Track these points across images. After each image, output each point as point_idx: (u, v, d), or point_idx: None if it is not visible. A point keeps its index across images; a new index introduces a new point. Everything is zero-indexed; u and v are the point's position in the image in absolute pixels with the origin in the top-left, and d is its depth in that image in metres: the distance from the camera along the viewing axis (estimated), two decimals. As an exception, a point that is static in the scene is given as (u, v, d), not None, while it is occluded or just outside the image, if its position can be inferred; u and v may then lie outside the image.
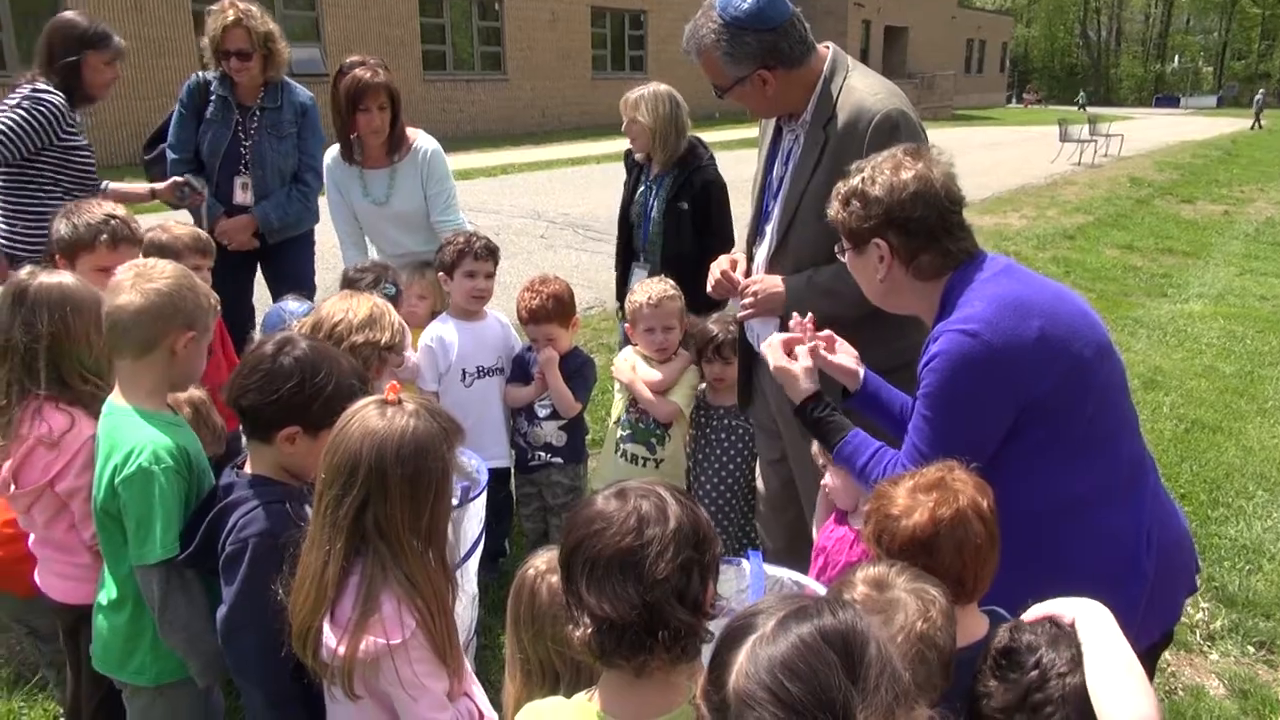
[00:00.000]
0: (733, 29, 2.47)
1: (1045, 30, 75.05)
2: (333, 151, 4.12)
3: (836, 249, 2.20)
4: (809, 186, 2.56)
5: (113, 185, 4.25)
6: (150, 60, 16.89)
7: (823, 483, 2.48)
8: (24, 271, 2.35)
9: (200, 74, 4.45)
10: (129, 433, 2.06)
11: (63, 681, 2.76)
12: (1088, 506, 1.90)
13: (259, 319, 3.95)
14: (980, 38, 45.46)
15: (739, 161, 9.02)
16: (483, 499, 2.59)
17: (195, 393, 2.39)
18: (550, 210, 12.59)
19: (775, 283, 2.65)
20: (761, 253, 2.78)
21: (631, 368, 3.51)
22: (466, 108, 22.92)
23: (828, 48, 2.64)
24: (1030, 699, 1.45)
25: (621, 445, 3.53)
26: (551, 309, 3.45)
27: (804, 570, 2.59)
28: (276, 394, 1.88)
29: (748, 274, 2.79)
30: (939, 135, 25.19)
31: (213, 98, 4.35)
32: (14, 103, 3.78)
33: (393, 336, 2.51)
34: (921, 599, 1.49)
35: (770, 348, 2.31)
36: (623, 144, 4.39)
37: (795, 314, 2.35)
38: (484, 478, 2.61)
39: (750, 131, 4.92)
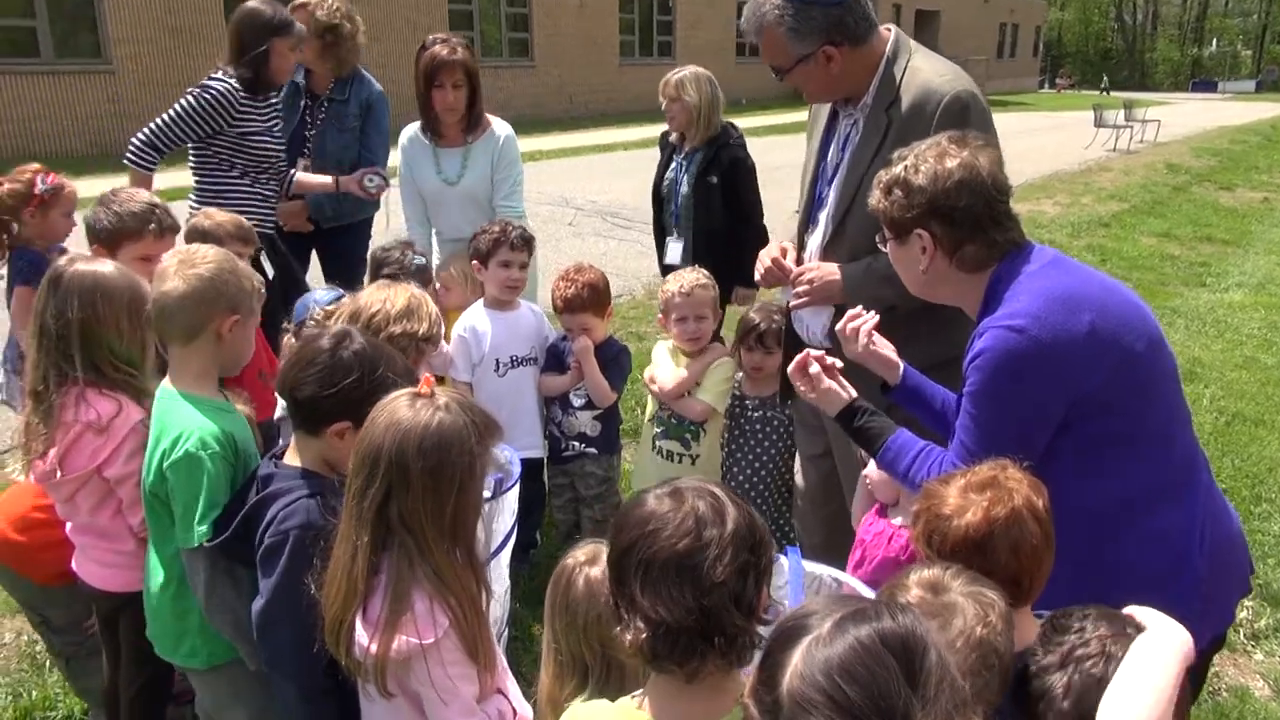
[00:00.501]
0: (798, 3, 2.41)
1: (1079, 14, 73.77)
2: (410, 129, 4.14)
3: (878, 238, 2.15)
4: (869, 172, 2.49)
5: (300, 174, 4.38)
6: (180, 48, 17.01)
7: (864, 474, 2.45)
8: (64, 258, 2.36)
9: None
10: (176, 417, 2.08)
11: (73, 673, 2.80)
12: (1140, 503, 1.86)
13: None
14: (1013, 21, 44.81)
15: (767, 149, 8.94)
16: (515, 491, 2.58)
17: (241, 407, 2.40)
18: (578, 197, 12.54)
19: (832, 270, 2.59)
20: (815, 240, 2.72)
21: (650, 378, 3.48)
22: (494, 94, 22.74)
23: (889, 29, 2.57)
24: (1074, 654, 1.44)
25: (656, 442, 3.50)
26: (587, 298, 3.43)
27: (843, 566, 2.56)
28: (336, 388, 1.87)
29: (799, 262, 2.74)
30: (971, 121, 24.76)
31: (287, 86, 4.41)
32: (190, 91, 3.97)
33: (430, 327, 2.50)
34: (979, 603, 1.45)
35: (795, 376, 2.25)
36: (651, 131, 4.63)
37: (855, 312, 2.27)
38: (517, 469, 2.60)
39: (776, 118, 5.01)
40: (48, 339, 2.27)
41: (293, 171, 4.37)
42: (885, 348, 2.30)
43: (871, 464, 2.39)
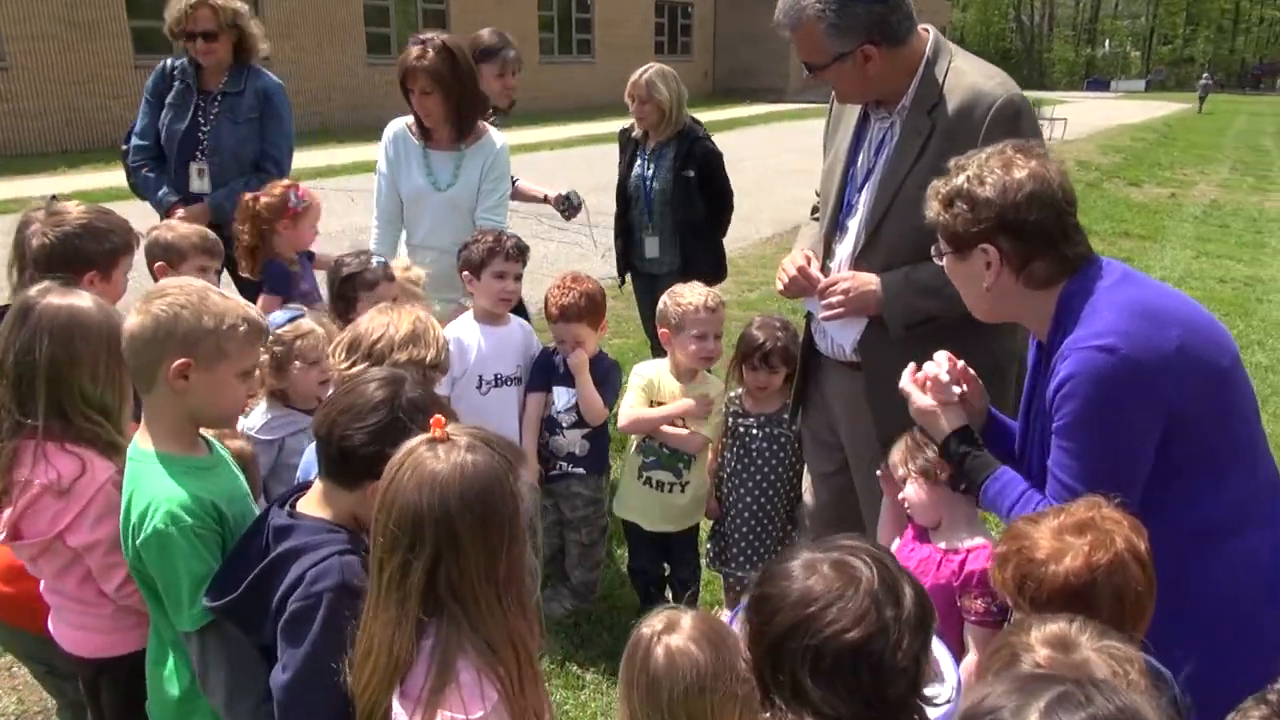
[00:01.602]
0: None
1: (980, 15, 76.08)
2: (396, 125, 3.90)
3: (934, 252, 2.04)
4: (908, 178, 2.39)
5: (522, 182, 4.38)
6: (80, 44, 16.14)
7: (901, 496, 2.34)
8: (36, 288, 2.09)
9: (168, 61, 4.31)
10: (145, 485, 1.84)
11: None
12: (1227, 527, 1.79)
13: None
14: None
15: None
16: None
17: (240, 443, 2.16)
18: (510, 200, 12.26)
19: (868, 280, 2.46)
20: (844, 248, 2.60)
21: (646, 402, 3.26)
22: (412, 92, 22.29)
23: (927, 30, 2.47)
24: None
25: (644, 473, 3.32)
26: (584, 307, 3.27)
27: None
28: (395, 444, 1.62)
29: (824, 271, 2.61)
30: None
31: (176, 84, 4.24)
32: None
33: (438, 353, 2.31)
34: (1113, 657, 1.35)
35: (910, 386, 2.13)
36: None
37: (941, 355, 2.12)
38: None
39: (701, 115, 4.96)
40: (6, 379, 2.01)
41: (516, 178, 4.25)
42: (977, 395, 2.15)
43: (911, 485, 2.30)
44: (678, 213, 4.57)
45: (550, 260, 9.05)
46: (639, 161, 4.69)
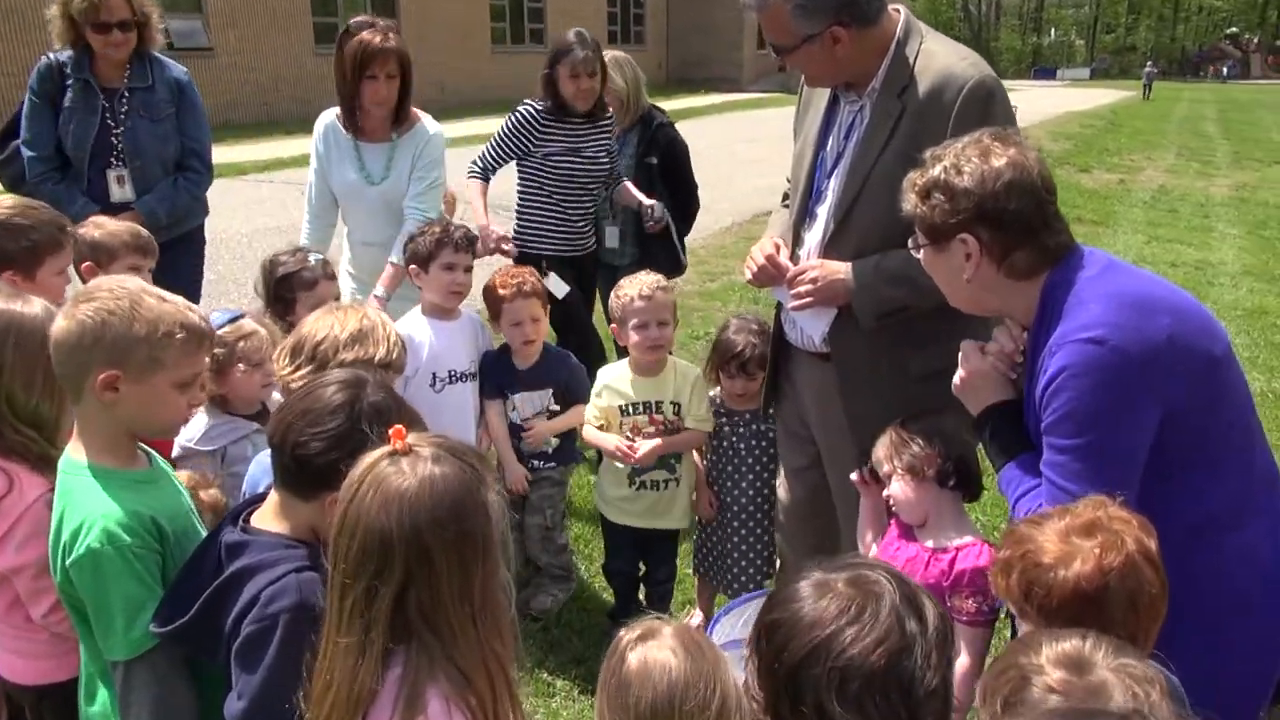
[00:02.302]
0: None
1: (929, 4, 76.74)
2: (326, 118, 3.71)
3: (911, 245, 1.97)
4: (878, 163, 2.31)
5: (628, 184, 4.33)
6: (10, 35, 15.57)
7: (886, 493, 2.27)
8: None
9: (50, 55, 3.81)
10: (78, 501, 1.70)
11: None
12: (1225, 520, 1.74)
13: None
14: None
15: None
16: None
17: (213, 492, 2.01)
18: (462, 190, 12.06)
19: (837, 269, 2.38)
20: (813, 236, 2.51)
21: (616, 449, 3.11)
22: (361, 83, 21.87)
23: (898, 10, 2.39)
24: None
25: (637, 478, 3.20)
26: (534, 284, 3.26)
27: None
28: (354, 452, 1.50)
29: (793, 259, 2.53)
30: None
31: (69, 82, 3.74)
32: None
33: (388, 352, 2.17)
34: (1132, 678, 1.25)
35: (970, 346, 2.02)
36: None
37: (1001, 335, 2.01)
38: None
39: (667, 104, 4.89)
40: None
41: (622, 181, 4.31)
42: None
43: (897, 482, 2.22)
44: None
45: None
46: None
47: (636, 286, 3.11)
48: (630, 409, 3.14)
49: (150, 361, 1.71)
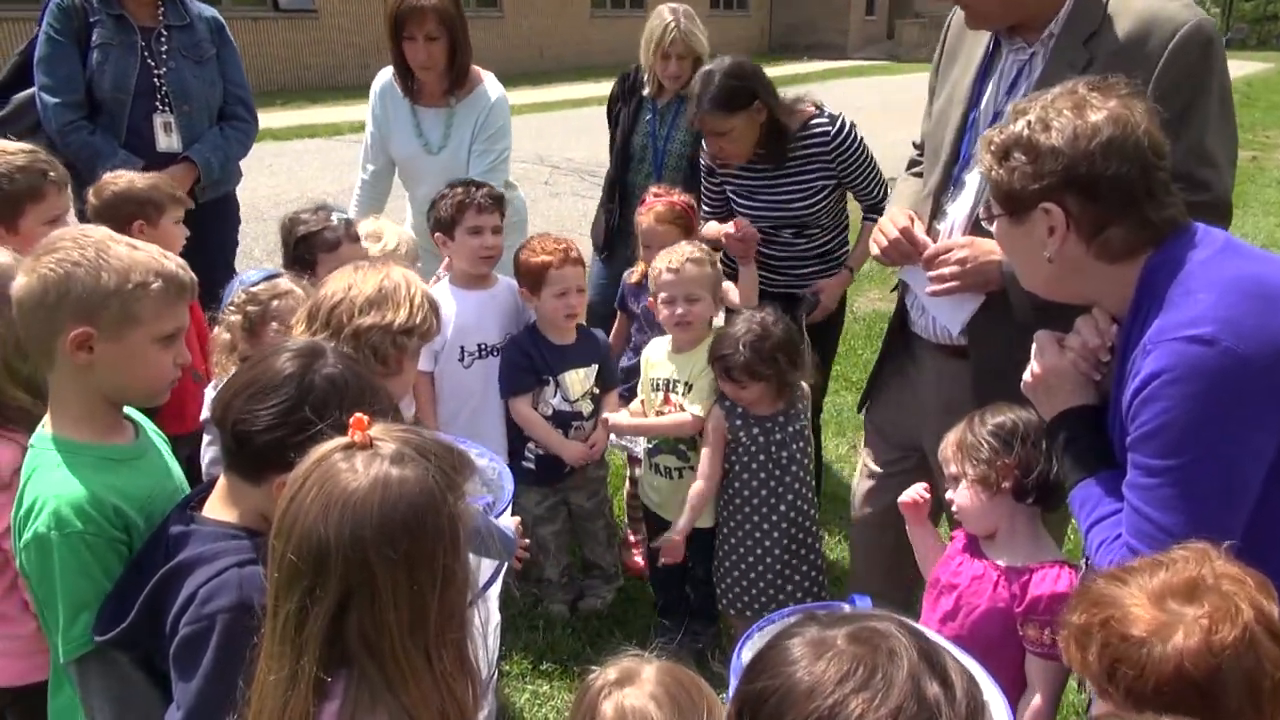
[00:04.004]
0: None
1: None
2: (383, 77, 3.52)
3: (982, 213, 1.69)
4: None
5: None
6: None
7: (949, 497, 1.97)
8: None
9: None
10: (38, 479, 1.55)
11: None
12: None
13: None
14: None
15: None
16: (508, 514, 2.07)
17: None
18: (553, 155, 11.92)
19: (990, 249, 2.04)
20: (960, 209, 2.18)
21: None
22: (460, 46, 21.92)
23: None
24: None
25: (652, 459, 3.00)
26: (574, 252, 3.01)
27: (913, 611, 2.10)
28: (301, 428, 1.31)
29: (930, 235, 2.21)
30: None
31: (96, 19, 3.38)
32: None
33: (411, 315, 1.95)
34: None
35: (1047, 338, 1.72)
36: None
37: (1084, 327, 1.68)
38: (508, 485, 2.08)
39: (769, 72, 4.33)
40: None
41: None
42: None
43: (964, 489, 1.92)
44: (693, 180, 3.76)
45: (590, 218, 8.69)
46: (648, 116, 3.89)
47: (666, 258, 2.85)
48: (658, 385, 2.92)
49: (125, 316, 1.56)
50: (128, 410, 1.73)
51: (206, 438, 2.45)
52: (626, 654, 1.31)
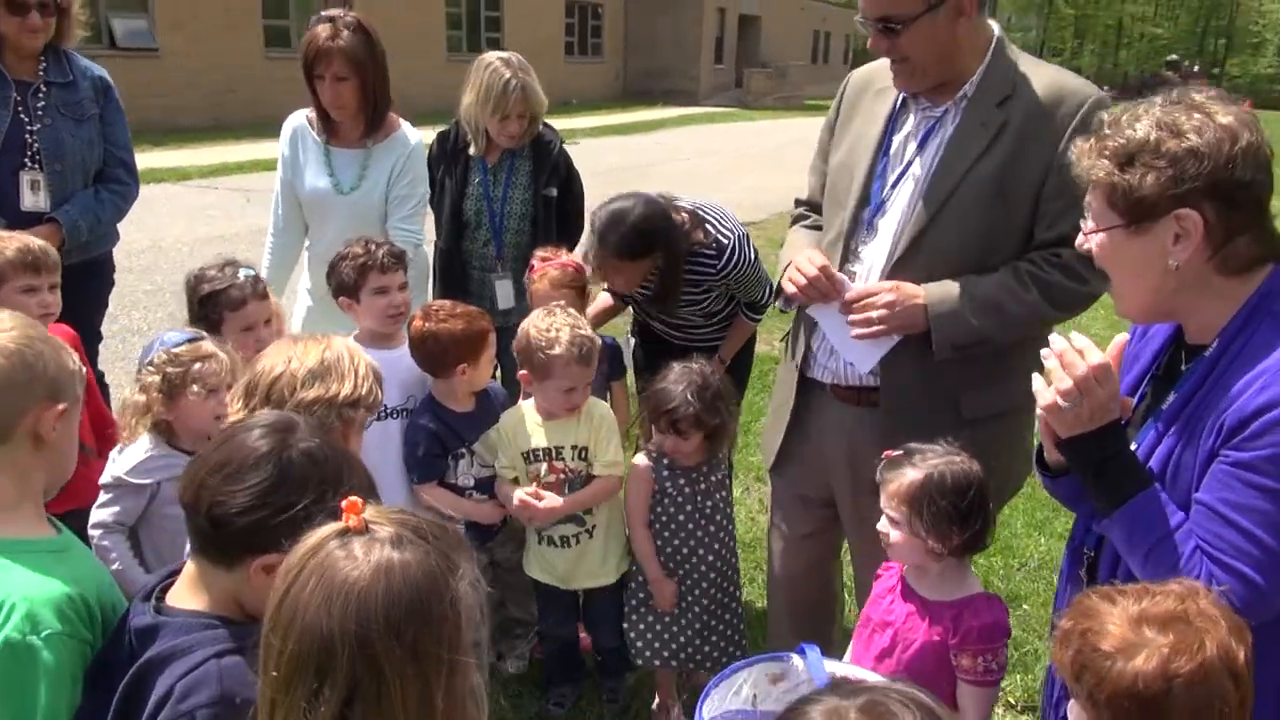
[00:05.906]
0: None
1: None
2: (296, 119, 3.45)
3: (1084, 225, 1.60)
4: (967, 178, 2.10)
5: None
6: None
7: (882, 530, 2.01)
8: None
9: None
10: None
11: None
12: None
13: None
14: (825, 29, 46.49)
15: (605, 150, 8.01)
16: None
17: None
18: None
19: (915, 292, 2.12)
20: (875, 253, 2.25)
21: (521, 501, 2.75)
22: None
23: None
24: None
25: (540, 534, 2.86)
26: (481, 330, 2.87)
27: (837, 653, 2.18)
28: (283, 510, 1.26)
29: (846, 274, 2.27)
30: (794, 125, 24.76)
31: None
32: None
33: (356, 386, 1.92)
34: None
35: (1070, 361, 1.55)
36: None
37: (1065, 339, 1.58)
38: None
39: (610, 118, 4.34)
40: None
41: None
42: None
43: (887, 524, 2.01)
44: (539, 244, 3.40)
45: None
46: (478, 178, 3.57)
47: (574, 346, 2.63)
48: (532, 456, 2.78)
49: (75, 398, 1.53)
50: None
51: (102, 497, 2.34)
52: None
